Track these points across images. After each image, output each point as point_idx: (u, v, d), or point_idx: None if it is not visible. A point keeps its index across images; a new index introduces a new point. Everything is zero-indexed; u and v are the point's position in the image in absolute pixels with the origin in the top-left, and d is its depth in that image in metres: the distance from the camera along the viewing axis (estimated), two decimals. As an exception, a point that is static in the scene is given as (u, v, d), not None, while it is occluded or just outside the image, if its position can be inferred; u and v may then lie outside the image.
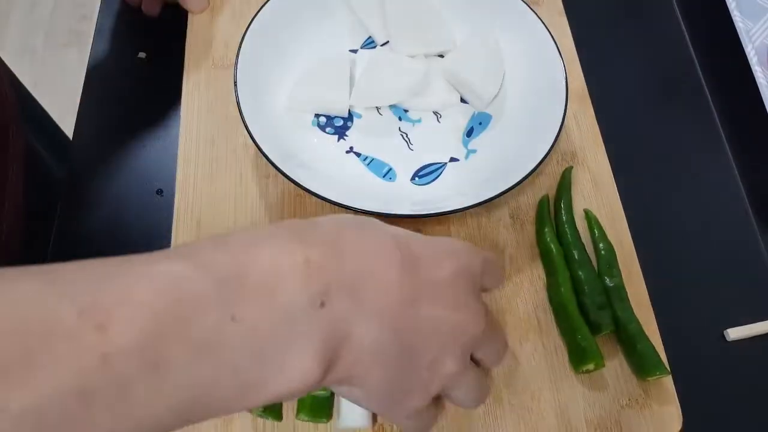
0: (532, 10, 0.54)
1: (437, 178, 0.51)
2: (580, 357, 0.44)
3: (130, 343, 0.22)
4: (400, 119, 0.54)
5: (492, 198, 0.46)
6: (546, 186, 0.53)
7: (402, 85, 0.53)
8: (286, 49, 0.55)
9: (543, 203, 0.51)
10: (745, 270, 0.52)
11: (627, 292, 0.47)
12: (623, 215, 0.52)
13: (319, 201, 0.46)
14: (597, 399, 0.45)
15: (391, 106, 0.54)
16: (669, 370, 0.45)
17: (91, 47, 0.60)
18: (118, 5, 0.62)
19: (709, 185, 0.56)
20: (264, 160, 0.46)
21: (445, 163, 0.52)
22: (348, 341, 0.27)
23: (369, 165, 0.51)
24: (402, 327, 0.28)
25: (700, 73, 0.61)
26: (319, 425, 0.43)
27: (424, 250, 0.30)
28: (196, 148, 0.53)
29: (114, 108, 0.57)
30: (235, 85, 0.49)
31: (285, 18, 0.54)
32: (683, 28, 0.64)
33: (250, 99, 0.49)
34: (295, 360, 0.26)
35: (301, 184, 0.45)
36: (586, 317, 0.46)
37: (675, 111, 0.60)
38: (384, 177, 0.51)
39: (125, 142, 0.55)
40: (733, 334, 0.49)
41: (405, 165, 0.52)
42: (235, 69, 0.50)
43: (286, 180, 0.45)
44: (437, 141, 0.53)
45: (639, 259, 0.50)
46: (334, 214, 0.35)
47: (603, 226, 0.50)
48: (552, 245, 0.48)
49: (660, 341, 0.47)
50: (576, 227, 0.50)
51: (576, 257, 0.48)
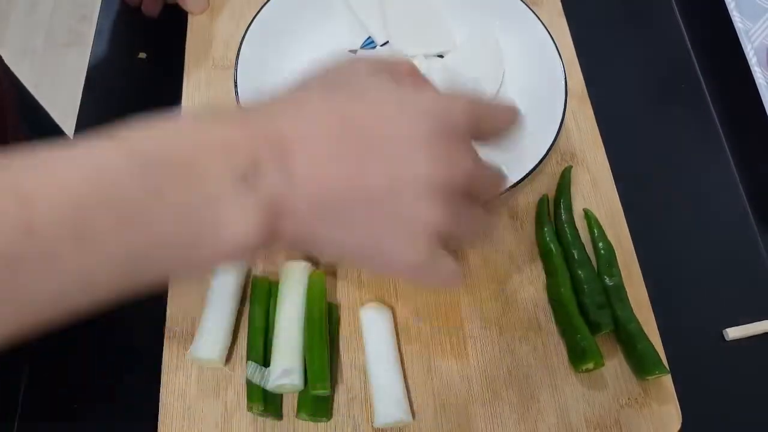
0: (531, 10, 0.54)
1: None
2: (579, 356, 0.45)
3: (54, 217, 0.23)
4: (400, 119, 0.54)
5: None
6: (545, 186, 0.53)
7: None
8: (286, 50, 0.55)
9: (543, 203, 0.51)
10: (744, 269, 0.52)
11: (626, 291, 0.47)
12: (623, 215, 0.52)
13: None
14: (596, 398, 0.45)
15: (391, 106, 0.54)
16: (668, 369, 0.45)
17: (92, 48, 0.60)
18: (118, 6, 0.62)
19: (708, 185, 0.56)
20: (264, 159, 0.46)
21: (445, 163, 0.52)
22: (285, 214, 0.28)
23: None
24: (346, 196, 0.28)
25: (699, 74, 0.61)
26: (319, 424, 0.43)
27: (375, 108, 0.30)
28: (196, 148, 0.53)
29: (114, 108, 0.58)
30: (236, 86, 0.49)
31: (285, 18, 0.54)
32: (682, 28, 0.64)
33: (250, 99, 0.49)
34: (231, 219, 0.27)
35: (302, 183, 0.45)
36: (585, 317, 0.46)
37: (674, 111, 0.60)
38: (384, 177, 0.51)
39: (126, 142, 0.55)
40: (732, 333, 0.49)
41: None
42: (235, 69, 0.50)
43: (286, 180, 0.45)
44: (437, 141, 0.53)
45: (638, 259, 0.50)
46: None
47: (602, 225, 0.50)
48: (552, 245, 0.49)
49: (659, 341, 0.47)
50: (575, 227, 0.50)
51: (576, 257, 0.48)
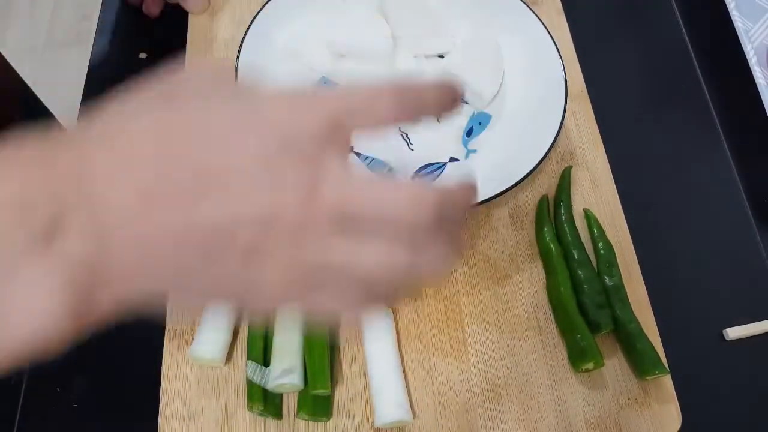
0: (531, 10, 0.54)
1: (437, 178, 0.51)
2: (579, 356, 0.45)
3: None
4: (400, 119, 0.54)
5: (492, 198, 0.46)
6: (545, 186, 0.53)
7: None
8: (286, 50, 0.55)
9: (542, 203, 0.51)
10: (744, 269, 0.52)
11: (626, 291, 0.47)
12: (622, 215, 0.52)
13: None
14: (596, 398, 0.45)
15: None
16: (668, 369, 0.45)
17: (92, 47, 0.60)
18: (119, 5, 0.62)
19: (708, 185, 0.56)
20: (264, 160, 0.46)
21: (445, 163, 0.52)
22: (102, 270, 0.22)
23: (369, 165, 0.52)
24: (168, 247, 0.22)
25: (699, 73, 0.61)
26: (319, 424, 0.43)
27: (211, 128, 0.23)
28: (196, 148, 0.53)
29: (115, 108, 0.58)
30: (236, 86, 0.49)
31: (285, 19, 0.54)
32: (683, 28, 0.64)
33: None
34: (24, 297, 0.21)
35: (302, 183, 0.45)
36: (585, 316, 0.46)
37: (674, 111, 0.60)
38: (384, 177, 0.51)
39: (126, 142, 0.55)
40: (732, 333, 0.49)
41: (405, 165, 0.52)
42: (236, 69, 0.50)
43: (286, 180, 0.45)
44: (437, 141, 0.53)
45: (638, 259, 0.50)
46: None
47: (602, 225, 0.50)
48: (551, 245, 0.49)
49: (659, 340, 0.47)
50: (575, 227, 0.50)
51: (575, 257, 0.48)
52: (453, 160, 0.52)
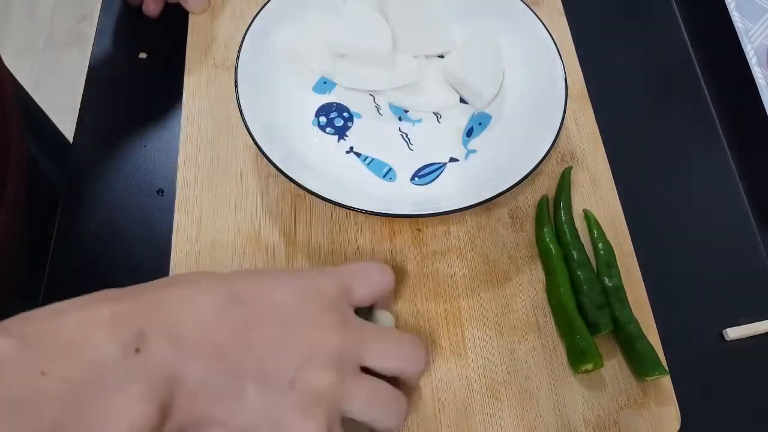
0: (531, 10, 0.54)
1: (437, 178, 0.51)
2: (578, 357, 0.45)
3: None
4: (400, 119, 0.54)
5: (492, 198, 0.46)
6: (545, 186, 0.53)
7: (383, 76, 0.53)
8: (286, 50, 0.55)
9: (542, 203, 0.51)
10: (744, 269, 0.52)
11: (626, 292, 0.47)
12: (622, 215, 0.52)
13: (319, 201, 0.46)
14: (595, 399, 0.45)
15: (391, 106, 0.54)
16: (667, 370, 0.45)
17: (92, 47, 0.60)
18: (118, 5, 0.62)
19: (708, 185, 0.56)
20: (264, 160, 0.46)
21: (445, 163, 0.52)
22: (178, 383, 0.26)
23: (369, 165, 0.52)
24: (235, 359, 0.28)
25: (699, 74, 0.61)
26: None
27: (257, 284, 0.31)
28: (196, 148, 0.53)
29: (115, 108, 0.58)
30: (236, 86, 0.49)
31: (285, 19, 0.54)
32: (682, 28, 0.64)
33: (250, 99, 0.49)
34: (122, 406, 0.25)
35: (302, 184, 0.45)
36: (584, 317, 0.46)
37: (674, 111, 0.60)
38: (384, 177, 0.51)
39: (126, 142, 0.55)
40: (733, 333, 0.49)
41: (405, 165, 0.52)
42: (236, 69, 0.50)
43: (286, 180, 0.46)
44: (437, 141, 0.53)
45: (638, 259, 0.50)
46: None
47: (602, 226, 0.50)
48: (551, 245, 0.49)
49: (659, 341, 0.47)
50: (575, 227, 0.50)
51: (575, 257, 0.48)
52: (453, 160, 0.52)
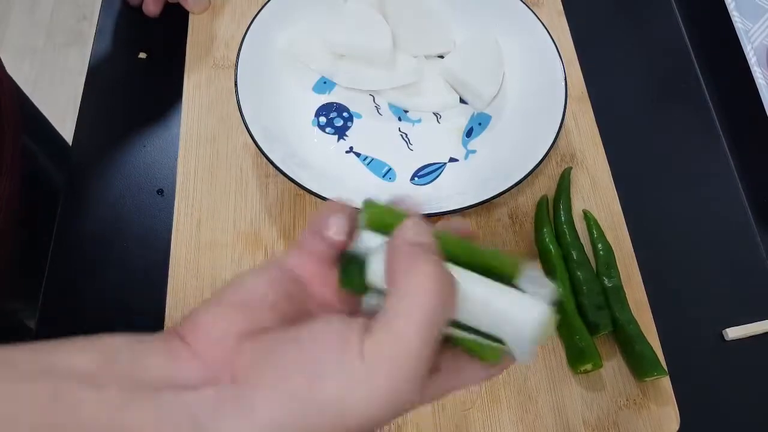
0: (531, 10, 0.54)
1: (437, 178, 0.51)
2: (578, 357, 0.45)
3: None
4: (399, 119, 0.54)
5: (491, 198, 0.46)
6: (545, 187, 0.53)
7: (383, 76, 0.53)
8: (286, 50, 0.55)
9: (542, 204, 0.51)
10: (744, 269, 0.52)
11: (625, 292, 0.47)
12: (622, 216, 0.52)
13: (319, 201, 0.46)
14: (595, 399, 0.45)
15: (391, 105, 0.54)
16: (666, 371, 0.45)
17: (92, 47, 0.60)
18: (118, 5, 0.62)
19: (708, 185, 0.56)
20: (264, 159, 0.46)
21: (445, 164, 0.52)
22: None
23: (369, 165, 0.51)
24: None
25: (699, 74, 0.61)
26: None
27: None
28: (196, 147, 0.53)
29: (114, 108, 0.58)
30: (236, 86, 0.49)
31: (285, 19, 0.54)
32: (682, 28, 0.64)
33: (250, 99, 0.49)
34: None
35: (301, 183, 0.45)
36: (584, 318, 0.46)
37: (674, 112, 0.60)
38: (384, 177, 0.51)
39: (126, 141, 0.55)
40: (732, 333, 0.49)
41: (405, 165, 0.52)
42: (236, 69, 0.50)
43: (286, 180, 0.46)
44: (437, 141, 0.53)
45: (637, 260, 0.50)
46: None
47: (602, 226, 0.50)
48: (551, 246, 0.49)
49: (658, 342, 0.47)
50: (575, 228, 0.50)
51: (575, 258, 0.48)
52: (453, 160, 0.52)
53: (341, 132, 0.53)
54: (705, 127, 0.59)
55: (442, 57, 0.56)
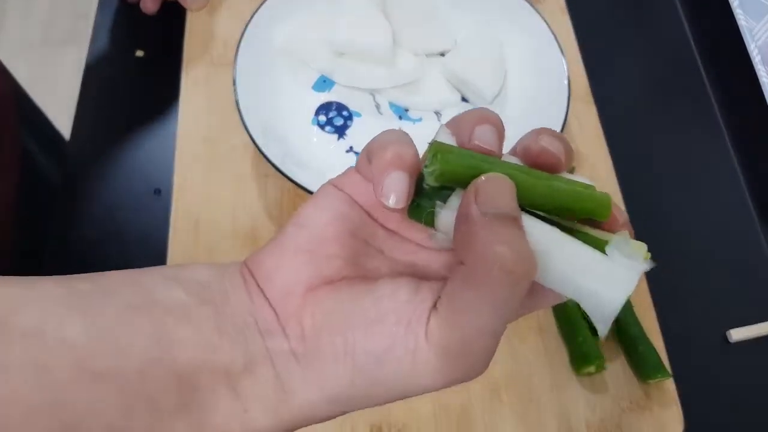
0: (534, 8, 0.54)
1: (438, 177, 0.51)
2: (581, 359, 0.44)
3: None
4: (400, 118, 0.53)
5: (493, 198, 0.46)
6: (547, 186, 0.52)
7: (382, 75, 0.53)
8: (284, 48, 0.54)
9: (544, 203, 0.50)
10: (748, 270, 0.52)
11: (629, 293, 0.47)
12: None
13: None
14: (598, 401, 0.45)
15: (392, 104, 0.54)
16: (670, 373, 0.44)
17: (89, 45, 0.59)
18: (116, 3, 0.62)
19: (712, 185, 0.56)
20: (263, 159, 0.46)
21: (446, 163, 0.51)
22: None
23: (369, 164, 0.51)
24: None
25: (702, 72, 0.61)
26: None
27: None
28: (194, 147, 0.52)
29: (112, 106, 0.57)
30: (234, 84, 0.48)
31: (284, 17, 0.54)
32: (686, 26, 0.63)
33: (248, 98, 0.49)
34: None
35: (300, 183, 0.45)
36: (587, 319, 0.45)
37: (678, 110, 0.59)
38: (384, 177, 0.50)
39: (123, 140, 0.55)
40: (736, 335, 0.49)
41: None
42: (234, 67, 0.49)
43: (285, 179, 0.45)
44: (438, 140, 0.52)
45: (641, 260, 0.49)
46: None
47: (605, 226, 0.50)
48: (553, 246, 0.48)
49: (662, 343, 0.46)
50: (577, 228, 0.49)
51: (578, 258, 0.48)
52: (454, 159, 0.52)
53: (341, 131, 0.52)
54: (708, 126, 0.58)
55: (442, 55, 0.56)
